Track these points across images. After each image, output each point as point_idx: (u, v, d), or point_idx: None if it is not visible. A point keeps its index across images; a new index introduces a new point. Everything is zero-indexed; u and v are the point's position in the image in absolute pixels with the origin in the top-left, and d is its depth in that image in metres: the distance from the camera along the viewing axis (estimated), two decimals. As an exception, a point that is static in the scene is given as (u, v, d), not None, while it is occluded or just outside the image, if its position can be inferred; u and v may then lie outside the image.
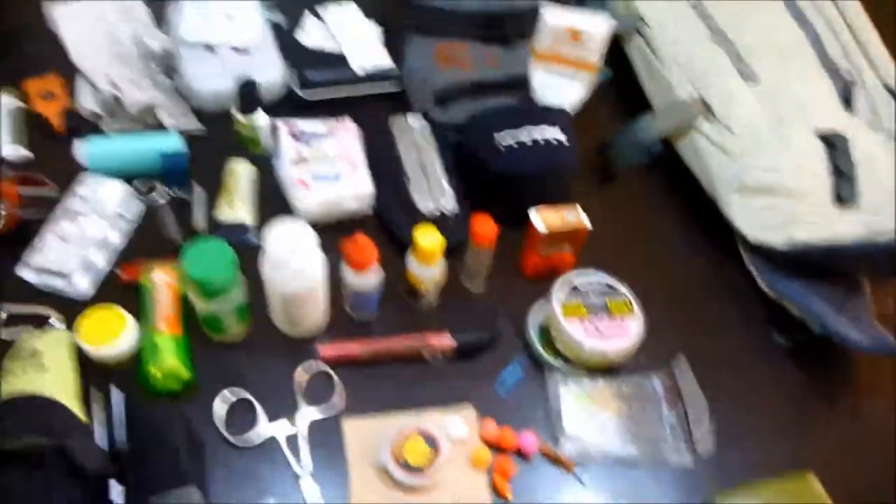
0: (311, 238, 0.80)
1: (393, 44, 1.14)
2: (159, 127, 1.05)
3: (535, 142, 0.97)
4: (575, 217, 0.90)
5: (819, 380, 0.94)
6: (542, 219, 0.90)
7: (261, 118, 1.01)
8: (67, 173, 0.98)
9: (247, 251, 0.87)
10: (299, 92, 1.09)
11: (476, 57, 1.13)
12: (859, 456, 0.88)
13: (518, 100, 1.11)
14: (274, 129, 1.01)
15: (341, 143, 0.99)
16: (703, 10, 1.12)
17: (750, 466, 0.85)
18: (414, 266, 0.87)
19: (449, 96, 1.09)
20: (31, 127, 1.04)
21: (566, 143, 0.97)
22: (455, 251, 0.93)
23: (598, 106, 1.09)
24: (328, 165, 0.96)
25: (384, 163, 1.00)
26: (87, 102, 1.04)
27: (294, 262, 0.79)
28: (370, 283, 0.86)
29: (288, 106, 1.10)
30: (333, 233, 0.92)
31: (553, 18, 1.01)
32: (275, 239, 0.79)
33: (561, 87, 1.06)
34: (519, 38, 1.16)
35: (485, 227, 0.86)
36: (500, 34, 1.15)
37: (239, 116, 1.00)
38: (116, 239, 0.95)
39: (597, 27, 1.01)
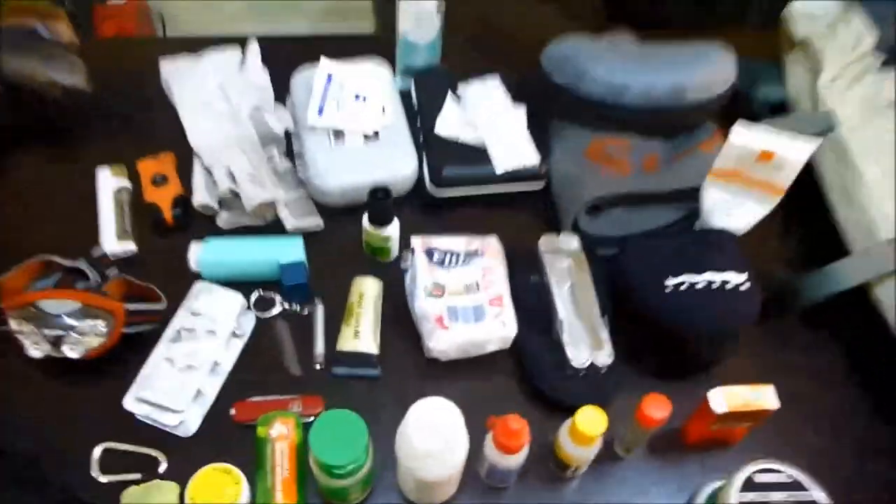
0: (458, 424, 0.68)
1: (538, 131, 1.00)
2: (277, 222, 0.94)
3: (709, 284, 0.82)
4: (764, 398, 0.76)
5: None
6: (724, 399, 0.75)
7: (393, 228, 0.89)
8: (174, 274, 0.89)
9: (369, 384, 0.83)
10: (431, 189, 0.97)
11: (635, 158, 0.99)
12: None
13: (682, 213, 0.96)
14: (408, 247, 0.89)
15: (485, 269, 0.86)
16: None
17: None
18: (567, 443, 0.75)
19: (601, 204, 0.95)
20: (138, 214, 0.95)
21: (746, 290, 0.82)
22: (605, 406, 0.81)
23: (770, 219, 0.93)
24: (469, 299, 0.84)
25: (531, 296, 0.87)
26: (201, 195, 0.93)
27: (436, 451, 0.68)
28: (515, 462, 0.74)
29: (414, 201, 0.98)
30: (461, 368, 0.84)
31: (742, 139, 0.85)
32: (417, 424, 0.68)
33: (737, 208, 0.91)
34: (684, 129, 1.01)
35: (659, 411, 0.73)
36: (665, 128, 1.01)
37: (369, 227, 0.88)
38: (229, 363, 0.86)
39: (796, 152, 0.85)
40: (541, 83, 0.99)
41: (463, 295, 0.84)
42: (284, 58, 1.05)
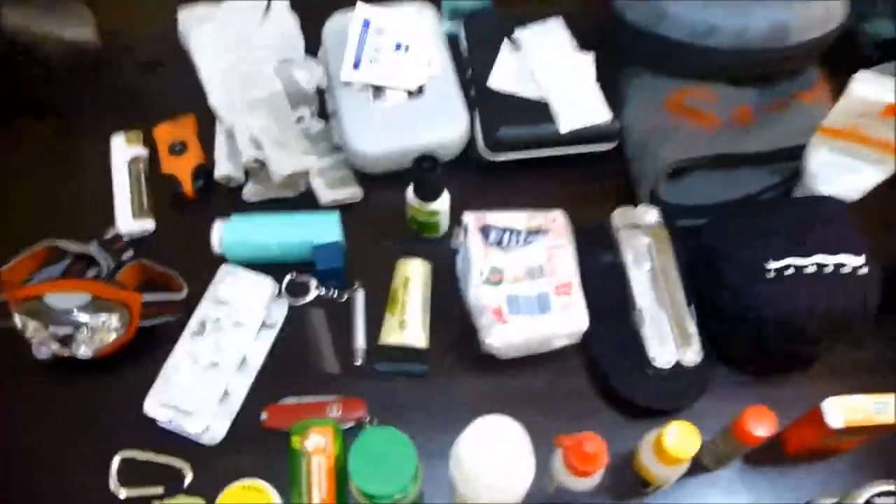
0: (523, 448, 0.57)
1: (610, 82, 0.86)
2: (311, 192, 0.83)
3: (820, 269, 0.68)
4: (889, 412, 0.63)
5: None
6: (840, 412, 0.63)
7: (442, 202, 0.77)
8: (197, 256, 0.79)
9: (416, 383, 0.73)
10: (484, 153, 0.84)
11: (724, 110, 0.84)
12: None
13: (779, 176, 0.82)
14: (459, 223, 0.77)
15: (550, 249, 0.74)
16: None
17: None
18: (650, 460, 0.64)
19: (686, 166, 0.81)
20: (156, 187, 0.84)
21: (864, 275, 0.68)
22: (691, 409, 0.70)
23: (885, 186, 0.78)
24: (533, 286, 0.72)
25: (603, 280, 0.75)
26: (224, 165, 0.82)
27: (497, 478, 0.57)
28: (589, 484, 0.63)
29: (465, 165, 0.86)
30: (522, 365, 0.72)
31: (865, 89, 0.70)
32: (474, 448, 0.57)
33: (848, 172, 0.76)
34: (782, 76, 0.86)
35: (762, 428, 0.61)
36: (760, 76, 0.85)
37: (414, 201, 0.76)
38: (258, 358, 0.76)
39: (932, 106, 0.69)
40: (611, 24, 0.84)
41: (525, 281, 0.72)
42: (316, 3, 0.91)
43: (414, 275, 0.76)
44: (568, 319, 0.70)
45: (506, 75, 0.85)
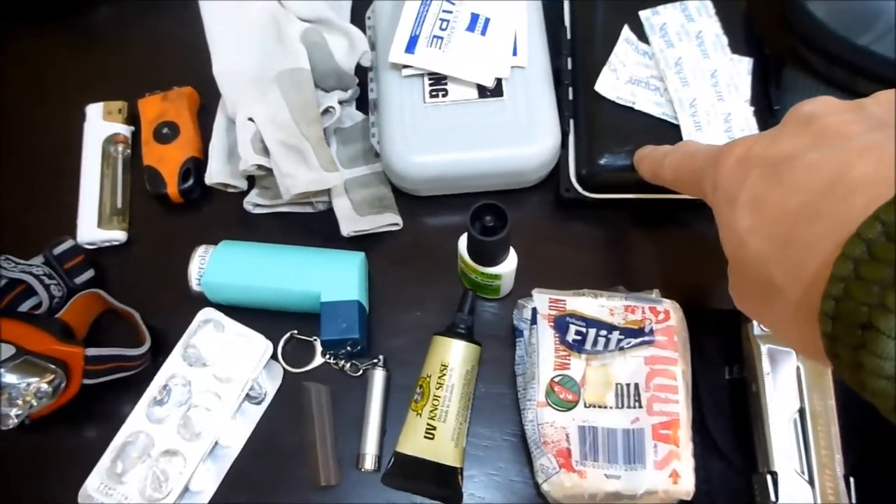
0: None
1: (769, 100, 0.59)
2: (331, 211, 0.61)
3: None
4: None
5: None
6: None
7: (505, 266, 0.54)
8: (174, 284, 0.59)
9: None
10: (575, 184, 0.59)
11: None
12: None
13: None
14: (527, 301, 0.54)
15: (653, 363, 0.50)
16: None
17: None
18: None
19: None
20: (137, 180, 0.64)
21: None
22: None
23: None
24: (620, 418, 0.49)
25: (720, 414, 0.52)
26: (217, 167, 0.61)
27: None
28: None
29: (537, 196, 0.62)
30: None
31: None
32: None
33: None
34: None
35: None
36: None
37: (469, 260, 0.54)
38: (237, 443, 0.57)
39: None
40: (787, 18, 0.57)
41: (610, 409, 0.49)
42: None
43: (455, 362, 0.54)
44: (666, 480, 0.48)
45: (621, 77, 0.59)
